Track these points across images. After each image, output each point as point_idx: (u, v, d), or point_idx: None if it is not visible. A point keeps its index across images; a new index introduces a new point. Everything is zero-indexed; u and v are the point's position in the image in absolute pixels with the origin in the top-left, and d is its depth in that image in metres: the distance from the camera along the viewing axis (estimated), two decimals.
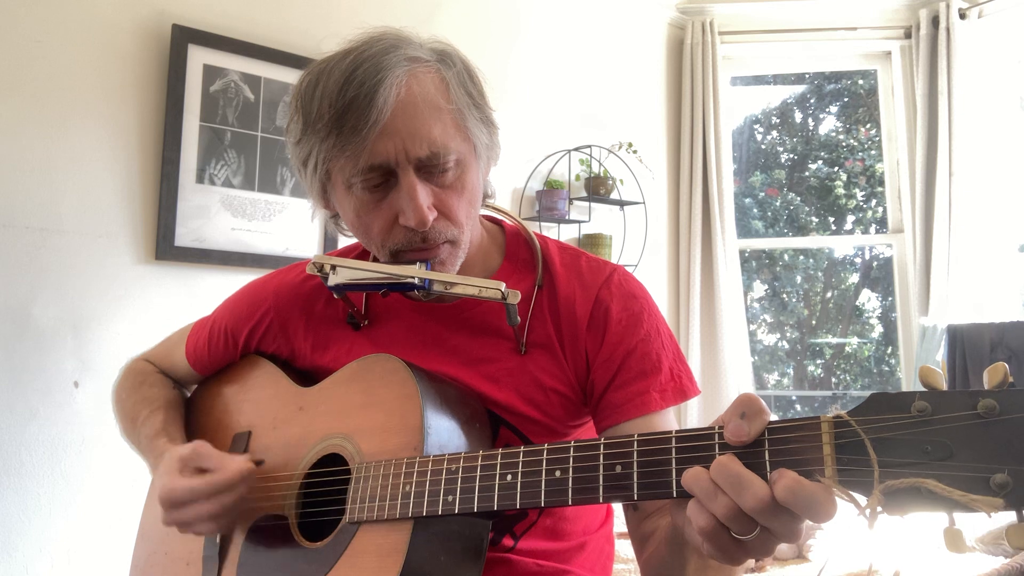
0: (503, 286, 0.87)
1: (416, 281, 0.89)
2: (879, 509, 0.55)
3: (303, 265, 1.07)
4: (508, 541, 0.95)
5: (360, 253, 1.09)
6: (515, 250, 1.04)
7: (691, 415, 3.42)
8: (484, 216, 1.08)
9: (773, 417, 0.62)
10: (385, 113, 0.85)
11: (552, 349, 0.97)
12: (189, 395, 1.23)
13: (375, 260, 1.02)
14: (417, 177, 0.88)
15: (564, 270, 1.01)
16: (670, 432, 0.66)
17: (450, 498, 0.77)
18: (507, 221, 1.09)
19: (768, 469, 0.60)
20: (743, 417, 0.61)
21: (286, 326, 1.08)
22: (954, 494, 0.52)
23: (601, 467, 0.68)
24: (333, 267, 0.93)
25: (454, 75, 0.92)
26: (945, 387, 0.56)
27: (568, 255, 1.03)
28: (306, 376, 1.06)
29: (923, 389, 0.57)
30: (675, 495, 0.64)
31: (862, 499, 0.56)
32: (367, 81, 0.85)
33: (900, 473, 0.55)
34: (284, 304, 1.08)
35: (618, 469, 0.67)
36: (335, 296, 1.01)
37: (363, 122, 0.85)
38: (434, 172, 0.89)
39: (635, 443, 0.67)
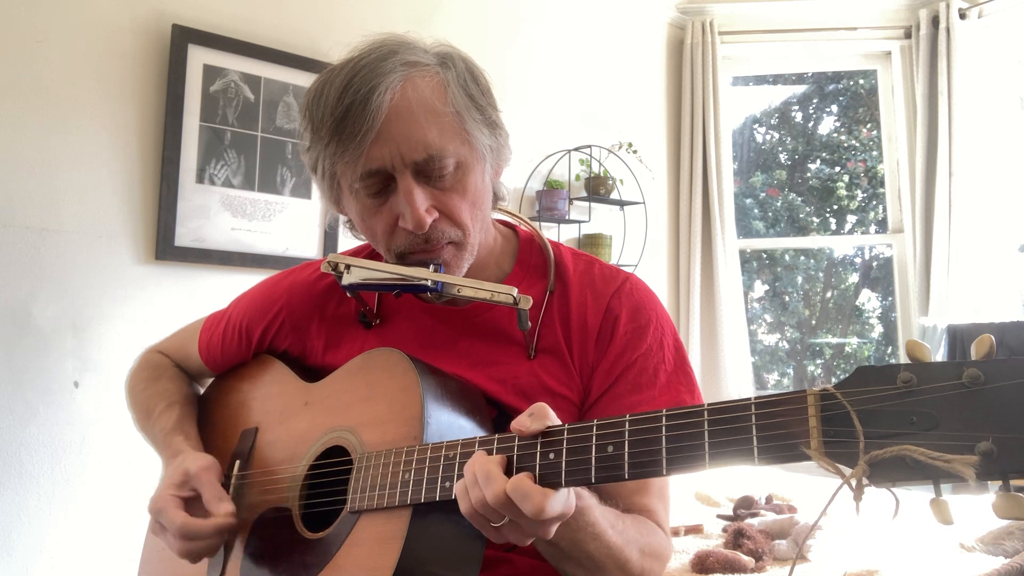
0: (515, 291, 0.88)
1: (428, 283, 0.90)
2: (865, 480, 0.55)
3: (317, 264, 1.08)
4: None
5: (370, 253, 1.10)
6: (527, 256, 1.05)
7: None
8: (499, 220, 1.08)
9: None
10: (379, 119, 0.86)
11: (561, 355, 0.97)
12: (202, 392, 1.24)
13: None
14: (415, 181, 0.89)
15: (577, 277, 1.01)
16: (661, 411, 0.67)
17: (447, 484, 0.77)
18: (522, 227, 1.10)
19: (755, 442, 0.60)
20: (531, 416, 0.72)
21: (299, 325, 1.09)
22: (939, 459, 0.52)
23: (594, 448, 0.69)
24: (347, 267, 0.95)
25: (454, 77, 0.91)
26: (931, 359, 0.56)
27: (581, 262, 1.04)
28: (316, 374, 1.08)
29: (909, 361, 0.57)
30: (665, 473, 0.66)
31: (848, 471, 0.56)
32: (362, 88, 0.86)
33: (886, 443, 0.54)
34: (297, 303, 1.09)
35: (610, 450, 0.69)
36: (348, 295, 1.02)
37: (358, 128, 0.86)
38: (432, 175, 0.90)
39: (627, 423, 0.69)
